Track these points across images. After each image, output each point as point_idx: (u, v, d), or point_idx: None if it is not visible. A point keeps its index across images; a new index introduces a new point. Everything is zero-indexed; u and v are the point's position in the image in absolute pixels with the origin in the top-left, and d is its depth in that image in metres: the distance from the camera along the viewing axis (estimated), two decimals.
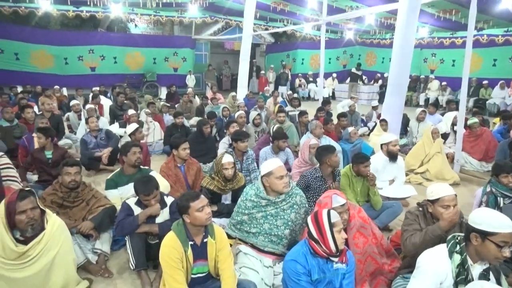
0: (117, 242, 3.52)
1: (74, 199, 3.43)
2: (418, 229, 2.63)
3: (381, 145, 4.77)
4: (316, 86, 16.13)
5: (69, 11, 13.21)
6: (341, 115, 7.26)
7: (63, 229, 2.71)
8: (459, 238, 2.18)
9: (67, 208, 3.41)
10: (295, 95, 10.92)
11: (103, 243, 3.28)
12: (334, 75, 17.11)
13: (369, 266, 2.82)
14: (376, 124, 7.70)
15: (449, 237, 2.23)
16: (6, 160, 4.24)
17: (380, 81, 15.69)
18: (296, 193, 3.09)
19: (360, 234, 2.84)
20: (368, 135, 8.12)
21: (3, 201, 2.51)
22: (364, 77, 15.68)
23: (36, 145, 5.36)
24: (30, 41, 13.22)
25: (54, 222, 2.65)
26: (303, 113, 7.07)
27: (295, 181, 3.70)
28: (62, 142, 6.74)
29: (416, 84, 14.58)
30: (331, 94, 16.42)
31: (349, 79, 15.24)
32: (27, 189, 2.65)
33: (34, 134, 5.54)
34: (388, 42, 15.83)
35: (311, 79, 16.99)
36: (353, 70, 15.10)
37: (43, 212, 2.63)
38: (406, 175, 5.42)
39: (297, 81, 16.80)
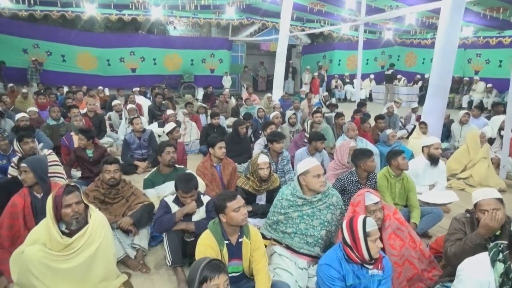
0: (154, 238, 3.60)
1: (114, 195, 3.56)
2: (461, 239, 2.52)
3: (423, 147, 4.62)
4: (353, 87, 15.87)
5: (112, 15, 13.76)
6: (378, 117, 7.09)
7: (104, 223, 2.79)
8: (502, 246, 2.06)
9: (108, 204, 3.54)
10: (333, 100, 10.76)
11: (142, 239, 3.37)
12: (372, 76, 16.74)
13: (407, 271, 2.73)
14: (415, 126, 7.46)
15: (491, 245, 2.11)
16: (54, 157, 4.48)
17: (420, 83, 15.19)
18: (332, 193, 3.06)
19: (396, 236, 2.76)
20: (407, 138, 7.88)
21: (51, 195, 2.62)
22: (403, 78, 15.23)
23: (76, 144, 5.62)
24: (76, 44, 13.90)
25: (97, 217, 2.74)
26: (339, 115, 6.97)
27: (330, 183, 3.65)
28: (104, 141, 7.00)
29: (459, 85, 13.99)
30: (368, 96, 16.08)
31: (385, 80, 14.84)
32: (72, 184, 2.76)
33: (72, 133, 5.81)
34: (430, 42, 15.30)
35: (347, 80, 16.72)
36: (386, 71, 14.70)
37: (87, 207, 2.73)
38: (448, 180, 5.21)
39: (333, 82, 16.58)
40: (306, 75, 16.59)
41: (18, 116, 6.21)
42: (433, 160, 4.50)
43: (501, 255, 2.02)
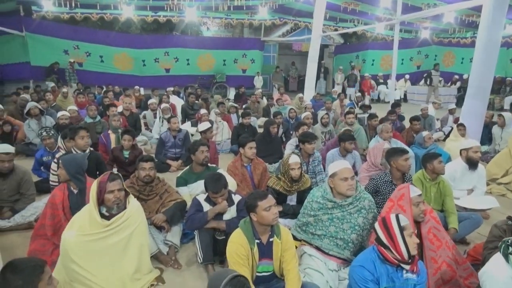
0: (186, 235, 3.67)
1: (149, 192, 3.66)
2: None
3: (461, 151, 4.45)
4: (387, 88, 15.52)
5: (148, 16, 14.11)
6: (413, 119, 6.88)
7: (140, 212, 2.97)
8: (509, 240, 2.07)
9: (142, 201, 3.63)
10: (366, 101, 10.58)
11: (174, 236, 3.45)
12: (407, 76, 16.30)
13: (445, 273, 2.64)
14: (452, 128, 7.20)
15: (500, 243, 2.12)
16: None
17: (458, 83, 14.63)
18: (364, 197, 3.00)
19: (434, 236, 2.68)
20: (444, 140, 7.62)
21: (96, 181, 2.79)
22: (440, 78, 14.74)
23: (113, 142, 5.82)
24: (113, 45, 14.39)
25: (135, 204, 2.93)
26: (372, 116, 6.84)
27: (363, 185, 3.59)
28: (138, 139, 7.19)
29: (501, 86, 13.37)
30: (402, 97, 15.67)
31: (427, 80, 14.21)
32: (116, 173, 2.94)
33: (109, 131, 6.01)
34: (469, 41, 14.72)
35: (381, 80, 16.36)
36: (432, 72, 14.11)
37: (127, 194, 2.91)
38: (487, 185, 5.00)
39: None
40: (339, 75, 16.38)
41: (59, 114, 6.51)
42: (472, 164, 4.33)
43: (510, 249, 2.05)
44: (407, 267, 2.25)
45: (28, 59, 13.16)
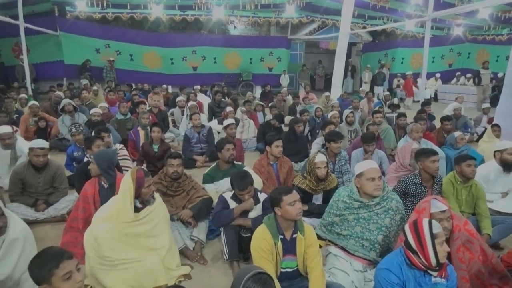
0: (212, 232, 3.71)
1: (176, 188, 3.73)
2: None
3: (495, 152, 4.28)
4: (417, 87, 15.12)
5: (176, 15, 14.36)
6: (444, 119, 6.69)
7: (163, 206, 3.20)
8: None
9: (169, 197, 3.72)
10: (395, 100, 10.34)
11: (200, 232, 3.51)
12: (438, 75, 15.83)
13: (474, 286, 2.56)
14: (486, 129, 6.94)
15: None
16: (124, 152, 4.80)
17: (493, 82, 14.07)
18: (392, 197, 2.94)
19: (466, 249, 2.58)
20: (477, 141, 7.37)
21: (131, 177, 2.90)
22: (490, 75, 14.18)
23: (141, 138, 5.96)
24: (143, 44, 14.70)
25: (158, 199, 3.14)
26: (401, 115, 6.69)
27: (391, 186, 3.53)
28: (166, 135, 7.34)
29: None
30: (433, 96, 15.23)
31: (474, 80, 13.34)
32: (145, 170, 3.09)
33: (139, 128, 6.15)
34: (505, 38, 14.17)
35: (405, 79, 15.93)
36: (480, 70, 12.95)
37: None
38: None
39: (395, 81, 15.87)
40: (366, 73, 16.10)
41: (91, 111, 6.71)
42: (507, 166, 4.16)
43: None
44: (435, 273, 2.18)
45: (62, 58, 13.66)
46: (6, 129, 4.88)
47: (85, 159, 4.69)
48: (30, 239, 2.61)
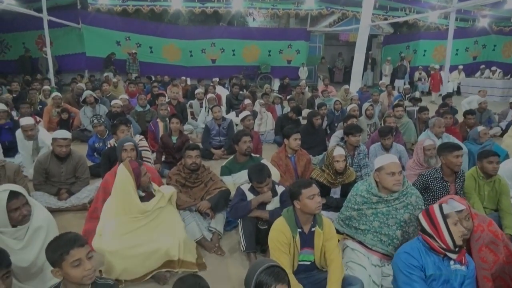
0: (229, 223, 3.74)
1: (194, 180, 3.75)
2: None
3: None
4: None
5: (195, 8, 14.39)
6: (468, 113, 6.52)
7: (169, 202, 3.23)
8: None
9: (188, 188, 3.76)
10: (416, 93, 10.13)
11: (218, 223, 3.54)
12: (461, 67, 15.41)
13: (496, 287, 2.49)
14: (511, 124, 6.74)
15: None
16: (144, 143, 4.88)
17: None
18: (412, 193, 2.88)
19: (490, 250, 2.49)
20: (501, 136, 7.16)
21: (127, 170, 2.96)
22: (498, 70, 13.79)
23: (161, 130, 6.02)
24: (162, 36, 14.83)
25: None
26: (422, 109, 6.55)
27: (410, 182, 3.47)
28: (185, 127, 7.40)
29: None
30: (455, 89, 14.85)
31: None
32: (138, 161, 3.15)
33: (158, 120, 6.22)
34: None
35: (432, 72, 15.57)
36: None
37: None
38: None
39: (416, 74, 15.55)
40: (387, 66, 15.81)
41: (112, 102, 6.82)
42: None
43: None
44: (454, 256, 2.19)
45: (84, 50, 13.89)
46: (28, 120, 5.01)
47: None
48: (53, 227, 2.69)
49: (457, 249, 2.18)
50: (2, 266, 1.78)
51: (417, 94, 10.27)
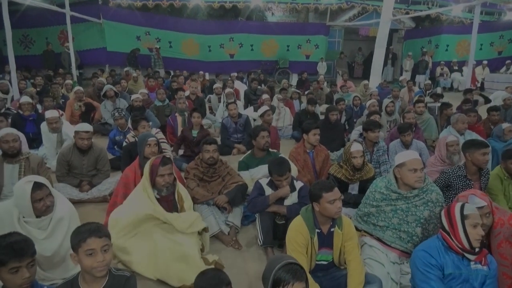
0: (247, 217, 3.76)
1: (212, 174, 3.78)
2: None
3: None
4: (462, 75, 14.42)
5: (214, 3, 14.40)
6: (492, 109, 6.34)
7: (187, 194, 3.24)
8: None
9: (205, 182, 3.79)
10: (438, 89, 9.89)
11: (235, 217, 3.56)
12: (485, 62, 14.97)
13: None
14: None
15: None
16: (161, 135, 4.94)
17: None
18: (432, 189, 2.83)
19: (510, 245, 2.46)
20: None
21: (148, 162, 2.97)
22: None
23: (179, 124, 6.07)
24: (182, 31, 14.91)
25: (182, 189, 3.17)
26: (446, 105, 6.41)
27: (431, 179, 3.40)
28: (203, 122, 7.41)
29: None
30: (479, 85, 14.47)
31: None
32: (168, 157, 3.10)
33: (176, 114, 6.27)
34: None
35: (455, 67, 15.20)
36: None
37: (175, 179, 3.12)
38: None
39: (438, 70, 15.20)
40: (407, 61, 15.51)
41: (133, 96, 6.92)
42: None
43: None
44: (472, 257, 2.14)
45: (105, 45, 14.10)
46: (53, 113, 5.14)
47: (124, 144, 4.88)
48: (75, 218, 2.76)
49: (476, 249, 2.14)
50: (28, 255, 1.83)
51: (438, 90, 10.04)
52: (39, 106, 7.16)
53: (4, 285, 1.85)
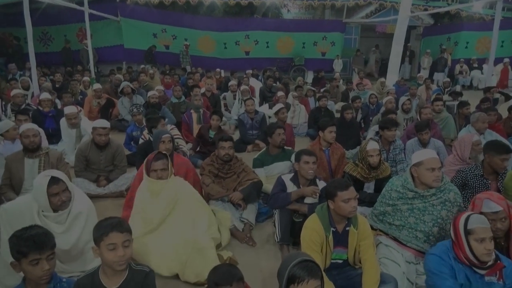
0: (261, 214, 3.76)
1: (227, 171, 3.81)
2: None
3: None
4: (482, 73, 14.08)
5: (230, 0, 14.38)
6: None
7: (183, 184, 3.23)
8: None
9: (221, 179, 3.81)
10: (457, 87, 9.69)
11: (249, 214, 3.57)
12: (506, 60, 14.57)
13: None
14: None
15: None
16: (176, 131, 4.97)
17: None
18: (450, 189, 2.79)
19: None
20: None
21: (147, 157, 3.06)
22: None
23: (194, 120, 6.10)
24: (198, 28, 14.94)
25: (175, 180, 3.18)
26: (464, 104, 6.28)
27: (448, 178, 3.35)
28: None
29: None
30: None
31: None
32: (163, 153, 3.17)
33: (192, 111, 6.30)
34: None
35: (475, 65, 14.85)
36: None
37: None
38: None
39: (457, 67, 14.88)
40: (426, 59, 15.21)
41: (149, 93, 6.99)
42: None
43: None
44: (482, 271, 2.07)
45: (122, 42, 14.26)
46: (72, 109, 5.24)
47: (140, 140, 4.93)
48: (93, 214, 2.81)
49: (485, 265, 2.05)
50: (48, 247, 1.87)
51: (457, 88, 9.85)
52: (57, 102, 7.29)
53: (26, 276, 1.90)
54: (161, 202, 2.98)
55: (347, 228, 2.50)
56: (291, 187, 3.26)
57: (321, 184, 3.30)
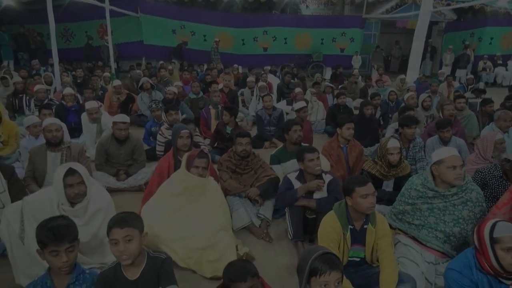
0: (278, 211, 3.75)
1: (244, 167, 3.81)
2: None
3: None
4: (506, 70, 13.69)
5: None
6: None
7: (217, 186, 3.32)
8: None
9: (238, 174, 3.82)
10: (480, 84, 9.44)
11: (266, 210, 3.57)
12: None
13: None
14: None
15: None
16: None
17: None
18: (472, 188, 2.73)
19: None
20: None
21: (187, 153, 3.11)
22: None
23: (212, 116, 6.13)
24: (216, 24, 14.99)
25: (211, 180, 3.23)
26: (487, 102, 6.12)
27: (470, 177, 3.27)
28: None
29: None
30: None
31: None
32: (206, 152, 3.22)
33: (210, 106, 6.33)
34: None
35: (499, 61, 14.42)
36: None
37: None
38: None
39: (480, 64, 14.47)
40: (448, 55, 14.85)
41: (167, 89, 7.05)
42: None
43: None
44: (508, 282, 1.99)
45: (141, 38, 14.42)
46: (93, 104, 5.33)
47: (158, 137, 4.99)
48: (112, 209, 2.86)
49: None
50: (66, 241, 1.91)
51: (481, 85, 9.61)
52: (79, 97, 7.43)
53: (49, 266, 1.96)
54: (193, 199, 3.06)
55: (365, 226, 2.47)
56: (297, 185, 3.25)
57: (327, 177, 3.28)
